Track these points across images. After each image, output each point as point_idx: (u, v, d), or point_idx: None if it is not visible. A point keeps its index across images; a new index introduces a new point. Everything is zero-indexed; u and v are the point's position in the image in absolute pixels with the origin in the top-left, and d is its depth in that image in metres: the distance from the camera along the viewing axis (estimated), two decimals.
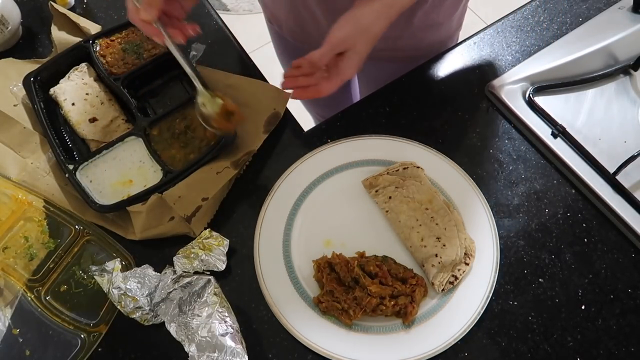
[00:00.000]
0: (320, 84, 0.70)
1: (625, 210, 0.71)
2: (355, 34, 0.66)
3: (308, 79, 0.71)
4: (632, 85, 0.82)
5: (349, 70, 0.68)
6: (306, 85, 0.71)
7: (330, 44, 0.66)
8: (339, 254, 0.69)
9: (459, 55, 0.88)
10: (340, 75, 0.69)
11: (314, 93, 0.71)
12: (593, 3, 0.91)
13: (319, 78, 0.71)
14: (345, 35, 0.66)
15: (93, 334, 0.68)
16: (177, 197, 0.73)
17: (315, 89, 0.71)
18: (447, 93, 0.85)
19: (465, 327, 0.66)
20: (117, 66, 0.84)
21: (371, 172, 0.77)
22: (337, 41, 0.66)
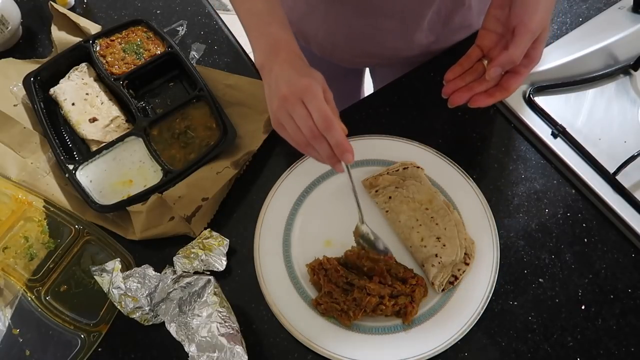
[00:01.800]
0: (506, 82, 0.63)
1: (625, 210, 0.71)
2: (548, 12, 0.59)
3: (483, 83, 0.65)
4: (632, 85, 0.82)
5: (541, 54, 0.61)
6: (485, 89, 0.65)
7: (530, 32, 0.58)
8: (329, 258, 0.69)
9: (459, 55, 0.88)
10: (532, 63, 0.62)
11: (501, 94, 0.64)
12: (593, 3, 0.91)
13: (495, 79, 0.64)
14: (542, 16, 0.58)
15: (93, 334, 0.68)
16: (177, 197, 0.73)
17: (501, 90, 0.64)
18: None
19: (465, 327, 0.66)
20: (117, 66, 0.84)
21: (371, 172, 0.77)
22: (537, 25, 0.58)
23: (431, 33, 0.83)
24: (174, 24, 0.92)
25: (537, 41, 0.60)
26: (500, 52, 0.61)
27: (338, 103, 0.66)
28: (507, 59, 0.60)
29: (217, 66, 0.88)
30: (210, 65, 0.88)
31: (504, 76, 0.64)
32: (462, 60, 0.68)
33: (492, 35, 0.65)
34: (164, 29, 0.88)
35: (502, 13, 0.63)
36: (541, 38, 0.60)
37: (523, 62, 0.61)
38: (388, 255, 0.69)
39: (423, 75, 0.86)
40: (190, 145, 0.79)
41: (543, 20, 0.58)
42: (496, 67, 0.61)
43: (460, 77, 0.68)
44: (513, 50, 0.59)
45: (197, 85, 0.82)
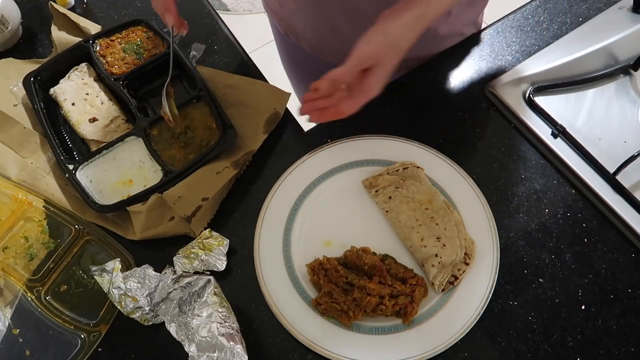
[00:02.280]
0: (341, 104, 0.66)
1: (625, 210, 0.71)
2: (384, 48, 0.62)
3: (326, 100, 0.67)
4: (632, 85, 0.82)
5: (375, 87, 0.64)
6: (324, 107, 0.67)
7: (357, 59, 0.62)
8: (329, 258, 0.69)
9: (459, 55, 0.88)
10: (365, 92, 0.65)
11: (334, 114, 0.67)
12: (593, 3, 0.91)
13: (338, 98, 0.67)
14: (373, 49, 0.62)
15: (93, 334, 0.68)
16: (177, 197, 0.73)
17: (335, 110, 0.66)
18: (447, 93, 0.85)
19: (465, 327, 0.66)
20: (117, 66, 0.84)
21: (371, 172, 0.77)
22: (364, 56, 0.62)
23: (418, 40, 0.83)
24: None
25: (370, 72, 0.63)
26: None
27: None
28: (331, 75, 0.63)
29: (217, 66, 0.88)
30: (210, 65, 0.88)
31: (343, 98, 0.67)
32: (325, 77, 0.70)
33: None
34: (164, 29, 0.88)
35: None
36: (374, 71, 0.63)
37: (357, 88, 0.64)
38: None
39: (423, 75, 0.86)
40: (190, 146, 0.79)
41: (374, 54, 0.62)
42: (325, 80, 0.64)
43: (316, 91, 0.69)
44: (337, 69, 0.62)
45: (197, 85, 0.82)
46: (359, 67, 0.63)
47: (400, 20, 0.62)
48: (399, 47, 0.62)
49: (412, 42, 0.63)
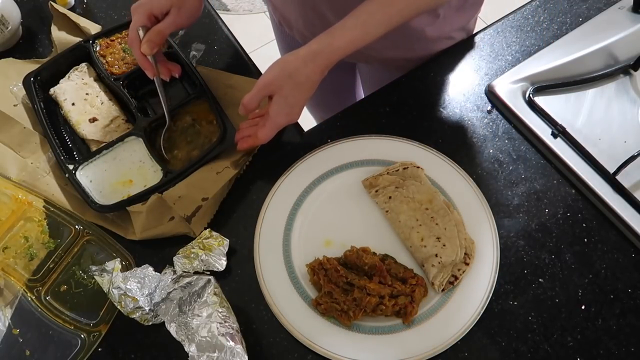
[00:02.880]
0: (258, 131, 0.72)
1: (625, 210, 0.71)
2: (280, 79, 0.68)
3: (250, 128, 0.74)
4: (632, 85, 0.82)
5: (277, 115, 0.70)
6: (248, 134, 0.73)
7: (257, 87, 0.69)
8: (329, 258, 0.69)
9: (459, 55, 0.88)
10: (270, 120, 0.71)
11: (252, 141, 0.73)
12: (593, 3, 0.91)
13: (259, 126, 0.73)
14: (271, 78, 0.68)
15: (93, 334, 0.68)
16: (177, 197, 0.73)
17: (253, 137, 0.73)
18: (447, 93, 0.85)
19: (465, 327, 0.66)
20: (117, 66, 0.84)
21: (371, 172, 0.77)
22: (262, 84, 0.69)
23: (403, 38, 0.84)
24: None
25: (272, 101, 0.70)
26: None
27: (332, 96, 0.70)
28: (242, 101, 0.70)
29: (217, 66, 0.88)
30: (210, 65, 0.88)
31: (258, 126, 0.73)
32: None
33: None
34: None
35: None
36: (275, 100, 0.69)
37: (266, 117, 0.72)
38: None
39: (423, 75, 0.86)
40: (195, 142, 0.79)
41: (271, 83, 0.68)
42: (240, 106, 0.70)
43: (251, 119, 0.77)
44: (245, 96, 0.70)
45: (197, 85, 0.82)
46: (260, 94, 0.69)
47: (296, 55, 0.68)
48: (296, 79, 0.68)
49: (313, 74, 0.68)
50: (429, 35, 0.85)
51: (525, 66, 0.83)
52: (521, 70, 0.83)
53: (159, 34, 0.72)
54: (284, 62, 0.68)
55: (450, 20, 0.85)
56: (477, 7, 0.89)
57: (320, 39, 0.68)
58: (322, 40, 0.68)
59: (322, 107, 1.27)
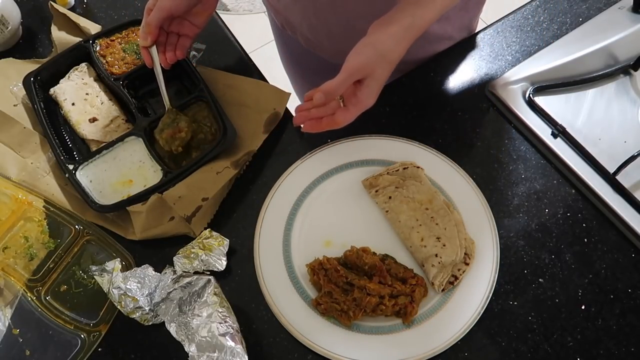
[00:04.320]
0: (336, 114, 0.66)
1: (625, 210, 0.71)
2: (374, 60, 0.62)
3: (320, 110, 0.68)
4: (632, 85, 0.82)
5: (369, 98, 0.65)
6: (319, 117, 0.67)
7: (347, 72, 0.63)
8: (329, 258, 0.69)
9: (459, 55, 0.88)
10: (359, 104, 0.65)
11: (329, 124, 0.67)
12: (593, 3, 0.91)
13: (333, 107, 0.67)
14: (363, 61, 0.62)
15: (93, 334, 0.68)
16: (177, 197, 0.73)
17: (330, 120, 0.67)
18: (447, 93, 0.85)
19: (465, 327, 0.66)
20: (117, 66, 0.84)
21: (371, 172, 0.77)
22: (354, 68, 0.63)
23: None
24: None
25: (362, 85, 0.64)
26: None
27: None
28: (325, 88, 0.63)
29: (217, 66, 0.88)
30: (210, 65, 0.88)
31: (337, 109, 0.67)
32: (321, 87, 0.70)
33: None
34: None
35: None
36: (367, 83, 0.63)
37: (352, 100, 0.65)
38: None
39: (423, 75, 0.86)
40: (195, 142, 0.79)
41: (364, 66, 0.62)
42: (318, 93, 0.64)
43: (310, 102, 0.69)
44: (330, 82, 0.63)
45: (197, 85, 0.82)
46: (350, 80, 0.63)
47: (388, 32, 0.63)
48: (389, 59, 0.63)
49: (402, 53, 0.64)
50: (433, 36, 0.85)
51: (525, 66, 0.83)
52: (521, 70, 0.83)
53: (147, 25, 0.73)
54: (375, 41, 0.63)
55: (454, 20, 0.85)
56: (479, 7, 0.88)
57: (410, 11, 0.62)
58: (413, 12, 0.62)
59: None
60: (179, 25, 0.77)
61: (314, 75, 1.15)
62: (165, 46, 0.78)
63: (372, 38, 0.63)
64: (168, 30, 0.77)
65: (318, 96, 0.64)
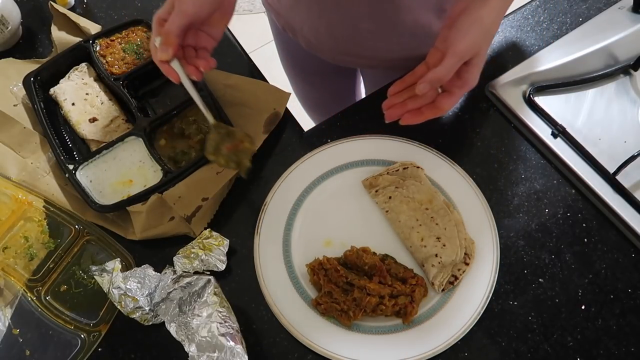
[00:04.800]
0: (439, 101, 0.64)
1: (625, 210, 0.71)
2: (481, 38, 0.60)
3: (418, 100, 0.65)
4: (632, 85, 0.82)
5: (475, 78, 0.63)
6: (418, 107, 0.65)
7: (457, 55, 0.60)
8: (329, 258, 0.69)
9: None
10: (466, 86, 0.63)
11: (432, 112, 0.64)
12: (593, 3, 0.91)
13: (431, 95, 0.64)
14: (472, 41, 0.60)
15: (93, 334, 0.68)
16: (177, 197, 0.73)
17: (433, 108, 0.64)
18: None
19: (465, 327, 0.66)
20: (117, 66, 0.84)
21: (371, 172, 0.77)
22: (464, 50, 0.60)
23: (412, 38, 0.83)
24: None
25: (470, 64, 0.61)
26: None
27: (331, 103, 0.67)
28: (433, 77, 0.60)
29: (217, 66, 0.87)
30: None
31: (438, 95, 0.65)
32: (407, 77, 0.67)
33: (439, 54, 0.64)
34: None
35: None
36: (474, 62, 0.61)
37: (457, 83, 0.62)
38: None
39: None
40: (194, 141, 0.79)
41: (473, 45, 0.60)
42: (424, 83, 0.61)
43: (399, 94, 0.68)
44: (439, 69, 0.60)
45: (197, 85, 0.82)
46: (460, 63, 0.61)
47: (490, 6, 0.60)
48: (492, 33, 0.62)
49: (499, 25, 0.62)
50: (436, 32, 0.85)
51: (525, 66, 0.83)
52: (521, 70, 0.83)
53: (166, 34, 0.64)
54: (480, 18, 0.60)
55: None
56: None
57: None
58: None
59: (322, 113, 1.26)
60: (194, 37, 0.68)
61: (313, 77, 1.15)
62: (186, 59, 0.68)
63: (476, 15, 0.60)
64: (184, 44, 0.67)
65: (423, 86, 0.61)
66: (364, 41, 0.85)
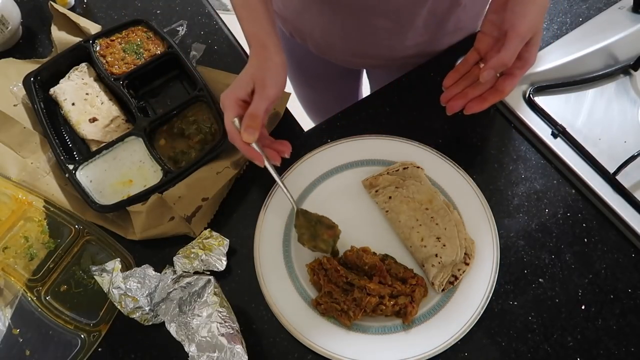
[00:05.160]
0: (501, 84, 0.64)
1: (625, 210, 0.71)
2: (539, 17, 0.61)
3: (477, 88, 0.66)
4: (632, 85, 0.82)
5: (534, 57, 0.63)
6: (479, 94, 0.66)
7: (519, 36, 0.60)
8: (329, 258, 0.69)
9: (459, 55, 0.88)
10: (526, 65, 0.63)
11: (496, 97, 0.65)
12: (593, 3, 0.91)
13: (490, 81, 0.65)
14: (532, 21, 0.60)
15: (93, 334, 0.68)
16: (177, 197, 0.73)
17: (495, 92, 0.65)
18: None
19: (465, 327, 0.66)
20: (117, 66, 0.84)
21: (371, 172, 0.77)
22: (526, 31, 0.60)
23: (426, 32, 0.83)
24: (174, 24, 0.92)
25: (529, 44, 0.62)
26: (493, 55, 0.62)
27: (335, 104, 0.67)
28: (498, 62, 0.61)
29: (217, 66, 0.88)
30: (210, 65, 0.88)
31: (499, 79, 0.65)
32: (459, 65, 0.68)
33: (489, 38, 0.66)
34: (164, 29, 0.89)
35: (498, 17, 0.65)
36: (534, 41, 0.62)
37: (517, 64, 0.62)
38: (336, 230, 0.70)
39: (423, 75, 0.86)
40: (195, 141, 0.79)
41: (533, 24, 0.60)
42: (489, 70, 0.62)
43: (455, 84, 0.68)
44: (504, 53, 0.60)
45: (197, 85, 0.82)
46: (523, 44, 0.61)
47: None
48: (545, 7, 0.61)
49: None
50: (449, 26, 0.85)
51: None
52: None
53: (253, 117, 0.63)
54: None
55: (469, 9, 0.85)
56: None
57: None
58: None
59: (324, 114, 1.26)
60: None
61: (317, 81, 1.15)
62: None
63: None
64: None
65: (487, 73, 0.62)
66: (378, 40, 0.85)
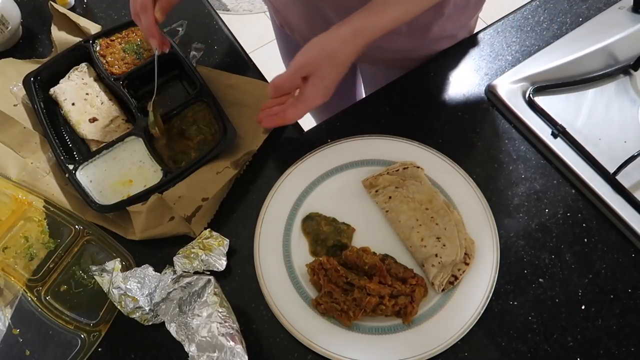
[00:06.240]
0: (287, 110, 0.70)
1: (625, 210, 0.71)
2: (320, 59, 0.65)
3: (278, 107, 0.72)
4: (632, 85, 0.82)
5: (315, 96, 0.68)
6: (275, 113, 0.71)
7: (293, 67, 0.66)
8: (329, 258, 0.69)
9: (459, 55, 0.88)
10: (305, 101, 0.68)
11: (280, 120, 0.71)
12: (593, 3, 0.91)
13: (288, 104, 0.70)
14: (308, 58, 0.66)
15: (93, 334, 0.68)
16: (177, 197, 0.73)
17: (282, 115, 0.71)
18: (447, 93, 0.85)
19: (465, 327, 0.66)
20: (117, 66, 0.85)
21: (371, 172, 0.77)
22: (300, 64, 0.66)
23: (410, 40, 0.83)
24: (174, 24, 0.92)
25: (308, 82, 0.67)
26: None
27: (332, 99, 0.69)
28: (274, 82, 0.68)
29: (217, 66, 0.88)
30: (210, 65, 0.88)
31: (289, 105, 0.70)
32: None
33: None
34: (164, 29, 0.88)
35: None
36: (311, 80, 0.66)
37: (300, 97, 0.69)
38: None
39: (423, 75, 0.86)
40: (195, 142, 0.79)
41: (308, 63, 0.65)
42: (270, 86, 0.68)
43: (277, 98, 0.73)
44: (279, 76, 0.67)
45: (197, 85, 0.82)
46: (297, 75, 0.66)
47: (337, 33, 0.65)
48: (336, 59, 0.65)
49: (350, 55, 0.66)
50: (433, 34, 0.85)
51: (525, 66, 0.83)
52: (521, 70, 0.83)
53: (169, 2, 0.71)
54: (323, 41, 0.65)
55: (454, 19, 0.85)
56: (479, 5, 0.89)
57: (361, 16, 0.65)
58: (363, 18, 0.65)
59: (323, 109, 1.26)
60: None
61: None
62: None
63: (322, 38, 0.66)
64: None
65: (267, 90, 0.68)
66: None
